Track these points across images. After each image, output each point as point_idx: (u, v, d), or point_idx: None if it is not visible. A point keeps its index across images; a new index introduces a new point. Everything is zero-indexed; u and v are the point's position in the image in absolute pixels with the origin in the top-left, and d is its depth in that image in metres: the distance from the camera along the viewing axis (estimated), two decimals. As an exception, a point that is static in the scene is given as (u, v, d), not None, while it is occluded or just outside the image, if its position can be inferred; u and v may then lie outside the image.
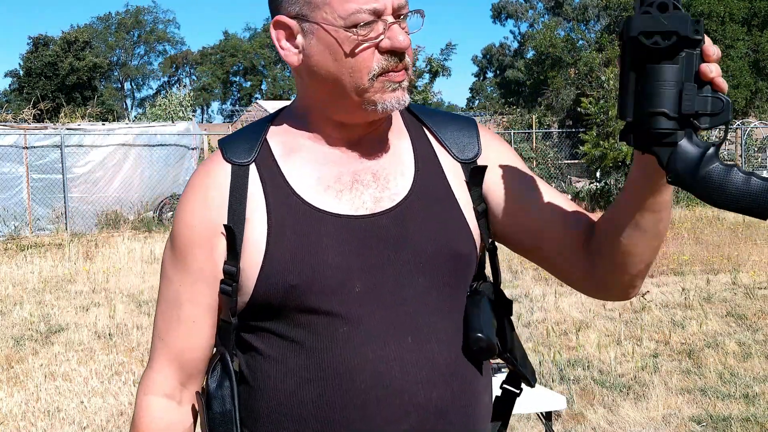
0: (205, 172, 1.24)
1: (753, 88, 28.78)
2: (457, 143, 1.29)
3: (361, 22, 1.12)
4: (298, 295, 1.15)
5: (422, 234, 1.20)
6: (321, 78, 1.18)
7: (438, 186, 1.25)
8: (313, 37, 1.16)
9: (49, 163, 15.25)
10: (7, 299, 8.44)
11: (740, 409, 4.54)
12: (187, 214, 1.22)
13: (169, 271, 1.25)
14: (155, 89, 70.43)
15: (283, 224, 1.17)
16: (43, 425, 4.64)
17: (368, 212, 1.19)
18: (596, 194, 18.13)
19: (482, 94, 63.07)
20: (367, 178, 1.22)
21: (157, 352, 1.25)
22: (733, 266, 8.95)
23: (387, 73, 1.15)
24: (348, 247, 1.17)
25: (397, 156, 1.25)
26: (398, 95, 1.17)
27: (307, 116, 1.24)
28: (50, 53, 41.25)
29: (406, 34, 1.16)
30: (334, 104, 1.20)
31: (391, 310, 1.16)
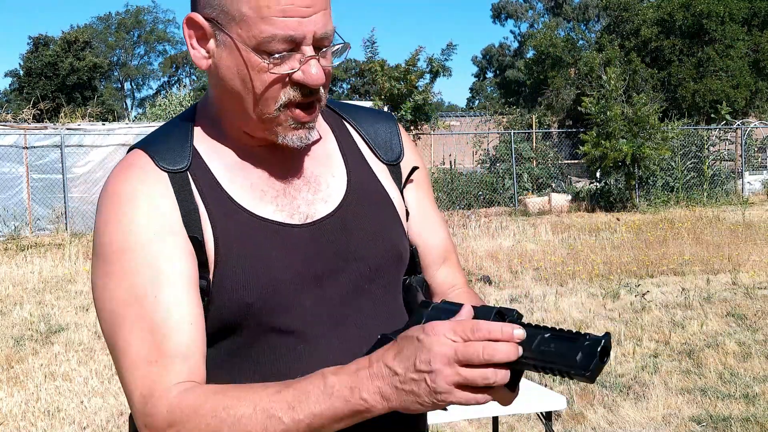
0: (136, 178, 1.10)
1: (753, 88, 28.77)
2: (380, 142, 1.26)
3: (275, 52, 1.05)
4: (254, 313, 1.09)
5: (366, 239, 1.17)
6: (227, 92, 1.11)
7: (371, 186, 1.21)
8: (225, 49, 1.08)
9: (49, 163, 15.25)
10: (7, 299, 8.44)
11: (740, 409, 4.54)
12: (140, 220, 1.07)
13: (120, 284, 1.06)
14: (155, 89, 70.45)
15: (228, 236, 1.10)
16: (43, 425, 4.63)
17: (305, 218, 1.14)
18: (596, 194, 18.14)
19: (482, 94, 63.07)
20: (298, 182, 1.17)
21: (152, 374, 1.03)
22: (733, 266, 8.95)
23: (294, 109, 1.09)
24: (295, 258, 1.11)
25: (324, 156, 1.21)
26: (302, 134, 1.12)
27: (220, 122, 1.17)
28: (50, 53, 41.26)
29: (320, 70, 1.07)
30: (238, 118, 1.14)
31: (344, 323, 1.13)
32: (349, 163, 1.22)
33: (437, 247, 1.30)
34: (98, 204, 1.12)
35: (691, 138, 19.63)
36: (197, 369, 1.05)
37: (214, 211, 1.10)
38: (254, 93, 1.08)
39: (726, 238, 11.17)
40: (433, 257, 1.30)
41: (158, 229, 1.07)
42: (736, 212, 15.09)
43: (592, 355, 0.87)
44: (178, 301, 1.05)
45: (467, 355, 0.89)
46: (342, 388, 0.94)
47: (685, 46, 29.33)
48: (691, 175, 19.14)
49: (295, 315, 1.11)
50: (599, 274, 8.82)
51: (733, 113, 24.26)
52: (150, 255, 1.05)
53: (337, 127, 1.25)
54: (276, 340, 1.10)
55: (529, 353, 0.91)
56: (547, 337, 0.91)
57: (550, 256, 10.16)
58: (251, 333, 1.10)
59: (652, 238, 11.48)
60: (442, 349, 0.89)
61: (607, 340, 0.88)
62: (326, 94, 1.14)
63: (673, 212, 16.02)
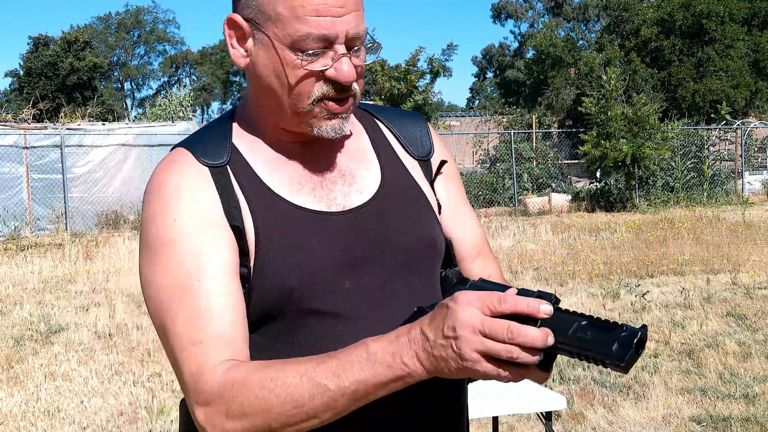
0: (179, 173, 1.16)
1: (753, 88, 28.77)
2: (411, 139, 1.32)
3: (308, 49, 1.10)
4: (295, 298, 1.13)
5: (400, 228, 1.21)
6: (263, 88, 1.17)
7: (404, 179, 1.27)
8: (262, 47, 1.14)
9: (49, 163, 15.26)
10: (7, 299, 8.44)
11: (740, 409, 4.54)
12: (184, 214, 1.13)
13: (166, 272, 1.12)
14: (155, 89, 70.42)
15: (268, 225, 1.15)
16: (43, 425, 4.63)
17: (341, 208, 1.20)
18: (596, 194, 18.14)
19: (482, 94, 63.06)
20: (333, 175, 1.22)
21: (198, 355, 1.08)
22: (733, 266, 8.95)
23: (327, 102, 1.14)
24: (334, 245, 1.16)
25: (358, 151, 1.26)
26: (335, 124, 1.16)
27: (258, 119, 1.23)
28: (50, 53, 41.23)
29: (352, 67, 1.13)
30: (275, 114, 1.19)
31: (382, 305, 1.17)
32: (382, 158, 1.27)
33: (471, 240, 1.35)
34: (144, 199, 1.18)
35: (691, 138, 19.63)
36: (241, 351, 1.09)
37: (254, 202, 1.15)
38: (289, 88, 1.14)
39: (726, 238, 11.17)
40: (467, 250, 1.34)
41: (200, 221, 1.12)
42: (736, 212, 15.09)
43: (628, 346, 0.89)
44: (220, 289, 1.10)
45: (492, 329, 0.92)
46: (384, 354, 0.97)
47: (685, 46, 29.33)
48: (691, 175, 19.14)
49: (334, 298, 1.15)
50: (599, 274, 8.82)
51: (733, 113, 24.26)
52: (193, 246, 1.11)
53: (370, 125, 1.31)
54: (316, 323, 1.14)
55: (564, 339, 0.93)
56: (584, 324, 0.93)
57: (550, 256, 10.16)
58: (292, 318, 1.14)
59: (652, 238, 11.48)
60: (468, 317, 0.92)
61: (644, 333, 0.90)
62: (360, 89, 1.18)
63: (673, 212, 16.03)
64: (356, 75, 1.14)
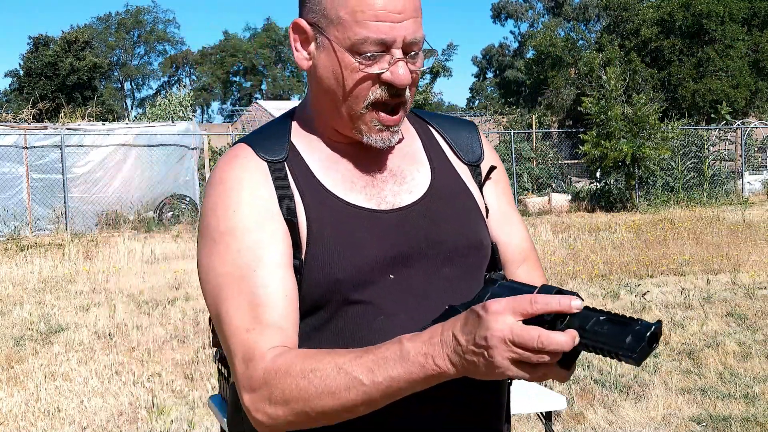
0: (240, 167, 1.22)
1: (753, 88, 28.78)
2: (462, 145, 1.36)
3: (366, 52, 1.15)
4: (342, 288, 1.17)
5: (448, 227, 1.25)
6: (323, 90, 1.22)
7: (454, 182, 1.31)
8: (323, 50, 1.19)
9: (49, 163, 15.26)
10: (7, 299, 8.44)
11: (740, 409, 4.54)
12: (244, 207, 1.18)
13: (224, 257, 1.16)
14: (155, 89, 70.43)
15: (321, 219, 1.20)
16: (43, 425, 4.63)
17: (391, 206, 1.24)
18: (596, 194, 18.14)
19: (482, 94, 63.06)
20: (384, 175, 1.27)
21: (250, 341, 1.12)
22: (733, 266, 8.95)
23: (380, 111, 1.19)
24: (383, 241, 1.21)
25: (410, 154, 1.31)
26: (385, 136, 1.21)
27: (315, 119, 1.28)
28: (50, 53, 41.22)
29: (408, 71, 1.17)
30: (331, 116, 1.24)
31: (424, 299, 1.20)
32: (433, 161, 1.32)
33: (517, 245, 1.38)
34: (206, 191, 1.23)
35: (691, 138, 19.63)
36: (290, 338, 1.14)
37: (308, 197, 1.21)
38: (345, 90, 1.19)
39: (726, 238, 11.17)
40: (513, 255, 1.37)
41: (259, 213, 1.18)
42: (736, 212, 15.09)
43: (641, 339, 0.91)
44: (274, 279, 1.15)
45: (522, 338, 0.93)
46: (417, 354, 0.99)
47: (685, 46, 29.33)
48: (691, 175, 19.15)
49: (378, 291, 1.19)
50: (599, 274, 8.82)
51: (733, 113, 24.26)
52: (251, 237, 1.16)
53: (423, 130, 1.36)
54: (358, 313, 1.18)
55: (582, 333, 0.96)
56: (602, 319, 0.96)
57: (550, 256, 10.16)
58: (336, 307, 1.19)
59: (652, 238, 11.48)
60: (499, 328, 0.94)
61: (658, 327, 0.93)
62: (412, 97, 1.22)
63: (673, 212, 16.03)
64: (411, 80, 1.18)
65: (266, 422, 1.10)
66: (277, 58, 70.19)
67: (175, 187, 16.29)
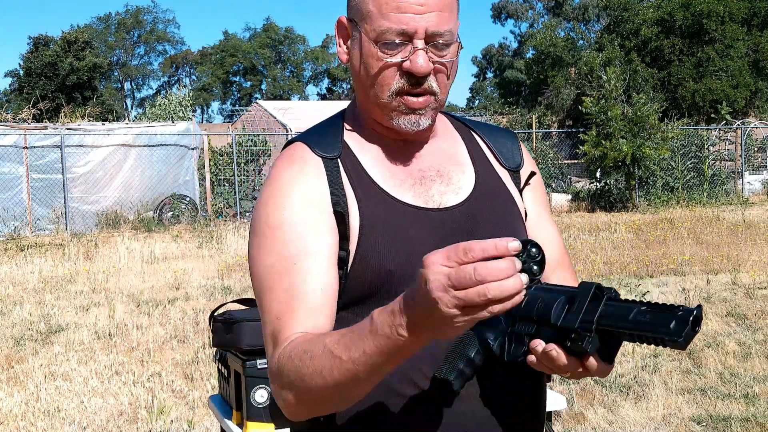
0: (295, 164, 1.27)
1: (753, 88, 28.78)
2: (503, 151, 1.41)
3: (388, 41, 1.20)
4: (394, 281, 1.20)
5: (492, 227, 1.29)
6: (357, 82, 1.29)
7: (496, 185, 1.36)
8: (357, 44, 1.26)
9: (49, 163, 15.26)
10: (7, 299, 8.44)
11: (740, 409, 4.54)
12: (294, 202, 1.23)
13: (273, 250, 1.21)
14: (155, 89, 70.43)
15: (373, 214, 1.24)
16: (43, 425, 4.63)
17: (438, 205, 1.29)
18: (596, 194, 18.14)
19: (482, 94, 63.07)
20: (432, 174, 1.31)
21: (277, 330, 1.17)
22: (733, 266, 8.94)
23: (405, 96, 1.23)
24: (431, 238, 1.24)
25: (454, 156, 1.36)
26: (412, 118, 1.25)
27: (360, 115, 1.34)
28: (50, 53, 41.20)
29: (428, 61, 1.21)
30: (368, 107, 1.30)
31: None
32: (477, 165, 1.37)
33: (553, 251, 1.41)
34: (261, 188, 1.30)
35: (691, 138, 19.63)
36: (320, 327, 1.16)
37: (360, 192, 1.26)
38: (372, 80, 1.24)
39: (726, 238, 11.17)
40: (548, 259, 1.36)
41: (307, 207, 1.22)
42: (736, 212, 15.09)
43: (685, 323, 0.95)
44: (315, 271, 1.19)
45: (460, 279, 0.90)
46: (383, 326, 0.99)
47: (685, 46, 29.33)
48: (691, 175, 19.14)
49: None
50: (599, 274, 8.82)
51: (733, 113, 24.27)
52: (296, 230, 1.21)
53: (467, 136, 1.41)
54: None
55: (625, 324, 0.99)
56: (644, 309, 0.99)
57: (550, 256, 10.15)
58: (385, 299, 1.17)
59: (652, 238, 11.48)
60: (437, 277, 0.91)
61: (699, 311, 0.96)
62: (445, 88, 1.26)
63: (673, 212, 16.02)
64: (433, 70, 1.22)
65: (284, 408, 1.14)
66: (277, 58, 70.17)
67: (175, 187, 16.29)
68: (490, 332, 1.17)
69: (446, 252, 0.92)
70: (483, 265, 0.89)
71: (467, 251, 0.90)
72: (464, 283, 0.89)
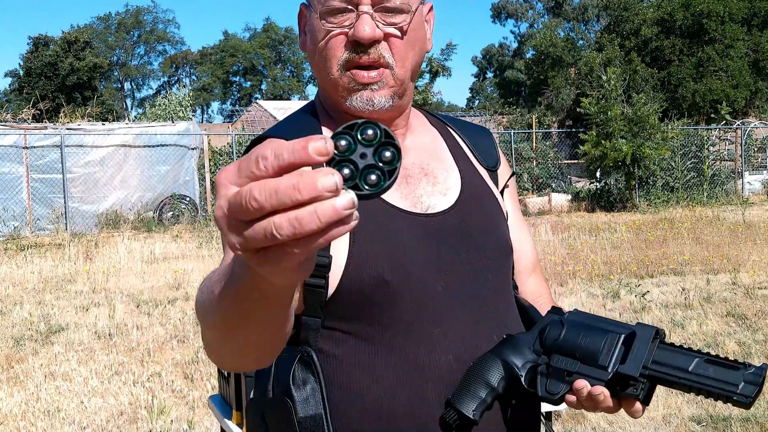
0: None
1: (753, 88, 28.77)
2: (481, 149, 1.34)
3: (332, 9, 1.12)
4: (391, 291, 1.11)
5: (482, 232, 1.23)
6: (313, 67, 1.20)
7: (482, 186, 1.29)
8: (310, 25, 1.18)
9: (49, 163, 15.25)
10: (7, 299, 8.44)
11: (740, 409, 4.53)
12: None
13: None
14: (155, 89, 70.44)
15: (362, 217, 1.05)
16: (43, 425, 4.63)
17: (426, 208, 1.20)
18: (596, 194, 18.14)
19: (482, 94, 63.07)
20: (417, 173, 1.23)
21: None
22: (733, 266, 8.94)
23: (354, 70, 1.13)
24: (425, 245, 1.16)
25: (436, 152, 1.28)
26: (365, 95, 1.14)
27: (327, 103, 1.24)
28: (50, 53, 41.21)
29: (374, 27, 1.11)
30: (328, 93, 1.20)
31: (475, 308, 1.17)
32: (460, 163, 1.29)
33: (528, 256, 1.37)
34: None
35: (691, 138, 19.63)
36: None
37: None
38: (321, 55, 1.15)
39: (726, 238, 11.17)
40: (524, 264, 1.36)
41: None
42: (736, 212, 15.09)
43: (755, 385, 0.91)
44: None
45: (235, 207, 0.61)
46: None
47: (685, 46, 29.33)
48: (691, 175, 19.14)
49: (427, 298, 1.13)
50: (599, 274, 8.82)
51: (733, 113, 24.26)
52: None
53: (444, 131, 1.33)
54: (410, 321, 1.12)
55: (686, 375, 0.94)
56: (705, 361, 0.95)
57: (550, 256, 10.16)
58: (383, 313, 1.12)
59: (652, 238, 11.48)
60: (219, 202, 0.63)
61: (765, 371, 0.93)
62: (403, 61, 1.15)
63: (673, 212, 16.02)
64: (385, 38, 1.12)
65: (206, 351, 0.96)
66: (277, 58, 70.17)
67: (175, 187, 16.29)
68: (517, 358, 1.07)
69: (238, 163, 0.62)
70: (262, 184, 0.59)
71: (260, 161, 0.60)
72: (241, 214, 0.61)
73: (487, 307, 1.18)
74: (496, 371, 1.06)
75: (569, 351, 1.01)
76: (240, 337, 0.85)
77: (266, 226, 0.59)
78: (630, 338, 0.99)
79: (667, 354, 0.96)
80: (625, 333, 1.00)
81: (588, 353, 0.99)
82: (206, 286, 0.88)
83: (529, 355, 1.06)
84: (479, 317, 1.16)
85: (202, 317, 0.90)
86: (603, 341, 0.99)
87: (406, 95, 1.20)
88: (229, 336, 0.86)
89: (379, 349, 1.12)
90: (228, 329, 0.84)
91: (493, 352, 1.07)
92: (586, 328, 1.01)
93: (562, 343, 1.01)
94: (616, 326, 1.02)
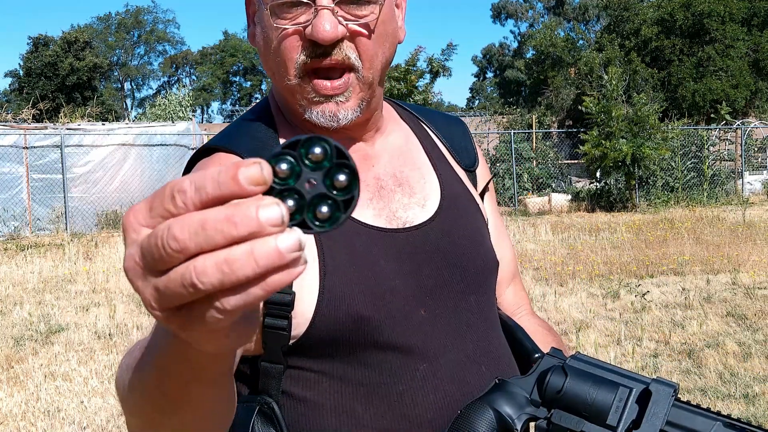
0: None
1: (753, 88, 28.78)
2: (458, 147, 1.19)
3: (285, 1, 0.94)
4: (371, 328, 0.96)
5: (467, 247, 1.08)
6: (264, 65, 1.02)
7: (462, 191, 1.14)
8: (260, 19, 1.00)
9: (49, 163, 15.26)
10: (7, 299, 8.44)
11: (740, 409, 4.54)
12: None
13: None
14: (155, 89, 70.46)
15: (332, 243, 0.97)
16: (43, 425, 4.63)
17: (403, 223, 1.04)
18: (596, 194, 18.14)
19: (482, 94, 63.09)
20: (390, 184, 1.07)
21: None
22: (733, 266, 8.94)
23: (316, 80, 0.96)
24: (403, 267, 1.01)
25: (410, 156, 1.12)
26: (327, 109, 0.97)
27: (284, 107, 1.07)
28: (50, 53, 41.23)
29: (335, 22, 0.93)
30: (284, 101, 1.04)
31: (460, 337, 1.04)
32: (437, 166, 1.13)
33: (508, 265, 1.24)
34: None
35: (691, 138, 19.63)
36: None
37: None
38: (275, 56, 0.97)
39: (726, 238, 11.17)
40: (505, 274, 1.22)
41: None
42: (736, 212, 15.09)
43: None
44: None
45: (149, 250, 0.47)
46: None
47: (685, 45, 29.34)
48: (691, 175, 19.14)
49: (411, 330, 0.99)
50: (599, 274, 8.82)
51: (733, 113, 24.26)
52: None
53: (417, 128, 1.17)
54: (392, 360, 0.98)
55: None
56: (724, 425, 0.86)
57: (550, 256, 10.16)
58: (361, 352, 0.97)
59: (652, 238, 11.48)
60: (129, 251, 0.49)
61: None
62: (371, 61, 0.98)
63: (673, 212, 16.02)
64: (343, 35, 0.94)
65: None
66: (277, 58, 70.21)
67: (175, 187, 16.29)
68: (512, 408, 0.93)
69: (149, 200, 0.49)
70: (185, 219, 0.46)
71: (178, 194, 0.47)
72: (158, 262, 0.47)
73: (475, 334, 1.05)
74: (488, 424, 0.92)
75: (573, 406, 0.89)
76: (169, 430, 0.70)
77: (184, 273, 0.45)
78: (644, 396, 0.87)
79: (684, 415, 0.85)
80: (638, 389, 0.88)
81: (595, 411, 0.88)
82: (126, 363, 0.73)
83: (526, 406, 0.93)
84: (466, 348, 1.03)
85: (122, 402, 0.75)
86: (613, 397, 0.88)
87: (376, 96, 1.04)
88: (157, 427, 0.70)
89: (359, 390, 0.97)
90: (153, 418, 0.69)
91: (483, 400, 0.93)
92: (593, 379, 0.89)
93: (565, 397, 0.90)
94: (627, 379, 0.90)
